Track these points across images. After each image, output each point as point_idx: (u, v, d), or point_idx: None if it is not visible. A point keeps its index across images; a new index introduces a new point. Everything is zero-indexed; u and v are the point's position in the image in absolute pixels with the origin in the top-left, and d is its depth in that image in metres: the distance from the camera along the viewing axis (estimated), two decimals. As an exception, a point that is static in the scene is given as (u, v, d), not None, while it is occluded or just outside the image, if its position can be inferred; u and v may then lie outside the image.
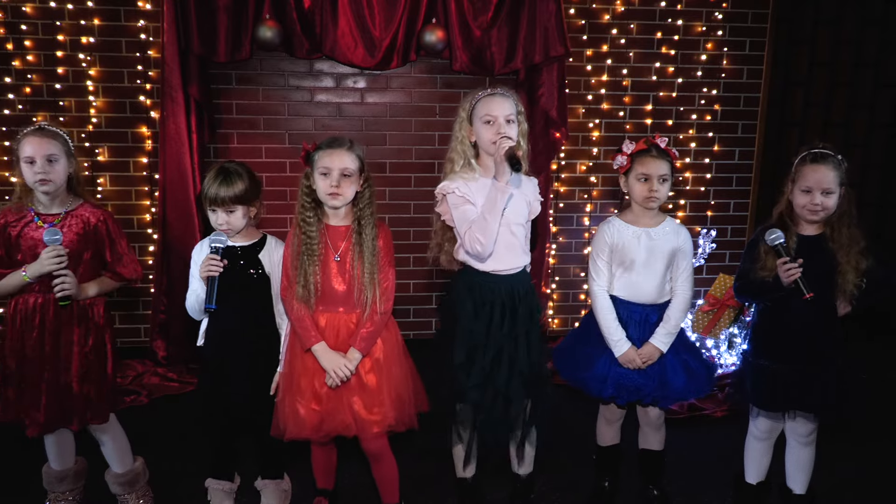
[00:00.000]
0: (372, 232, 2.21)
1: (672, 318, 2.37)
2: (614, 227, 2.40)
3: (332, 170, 2.14)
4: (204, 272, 2.17)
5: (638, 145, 2.36)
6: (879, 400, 3.49)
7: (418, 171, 4.17)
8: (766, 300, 2.32)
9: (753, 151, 4.37)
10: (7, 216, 2.25)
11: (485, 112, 2.19)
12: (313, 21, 3.77)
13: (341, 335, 2.21)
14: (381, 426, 2.20)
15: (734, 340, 3.73)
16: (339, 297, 2.21)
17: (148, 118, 3.92)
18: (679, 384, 2.38)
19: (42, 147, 2.19)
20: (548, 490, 2.68)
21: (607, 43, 4.15)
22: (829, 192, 2.18)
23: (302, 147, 2.23)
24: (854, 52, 4.27)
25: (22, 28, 3.76)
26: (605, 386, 2.38)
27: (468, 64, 3.87)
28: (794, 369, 2.26)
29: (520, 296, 2.27)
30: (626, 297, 2.40)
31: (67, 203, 2.28)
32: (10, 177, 3.84)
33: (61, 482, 2.45)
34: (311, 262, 2.17)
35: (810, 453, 2.41)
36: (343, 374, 2.14)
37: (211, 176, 2.23)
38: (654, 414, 2.50)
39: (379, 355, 2.23)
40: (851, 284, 2.19)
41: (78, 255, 2.25)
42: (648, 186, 2.31)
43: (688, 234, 2.42)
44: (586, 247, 4.30)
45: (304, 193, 2.22)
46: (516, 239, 2.27)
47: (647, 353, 2.35)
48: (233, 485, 2.47)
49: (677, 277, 2.40)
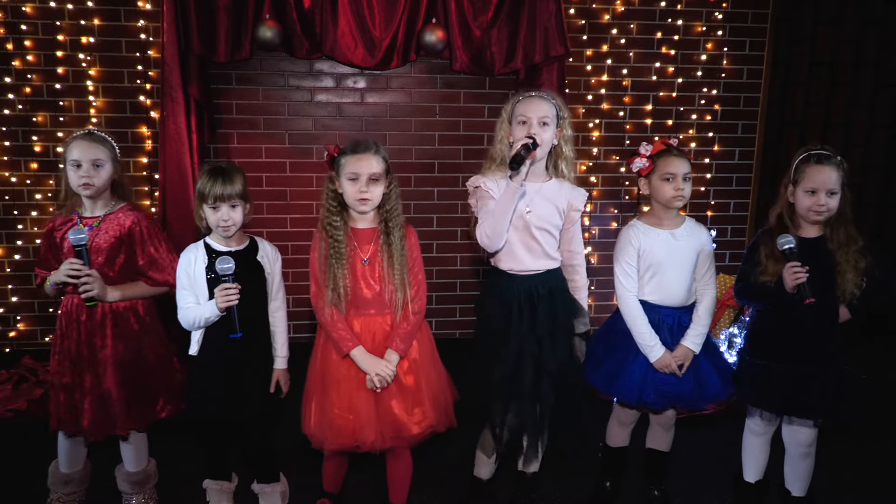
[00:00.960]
0: (400, 233, 2.21)
1: (702, 319, 2.36)
2: (639, 231, 2.39)
3: (361, 175, 2.13)
4: (222, 303, 2.09)
5: (656, 146, 2.36)
6: (879, 400, 3.49)
7: (418, 171, 4.17)
8: (765, 304, 2.32)
9: (753, 151, 4.37)
10: (56, 220, 2.31)
11: (520, 112, 2.22)
12: (313, 21, 3.76)
13: (377, 338, 2.19)
14: (422, 426, 2.19)
15: (734, 340, 3.73)
16: (369, 300, 2.19)
17: (148, 118, 3.92)
18: (715, 386, 2.36)
19: (90, 152, 2.24)
20: (549, 489, 2.68)
21: (607, 43, 4.15)
22: (834, 192, 2.18)
23: (326, 151, 2.21)
24: (854, 52, 4.27)
25: (22, 28, 3.76)
26: (645, 392, 2.33)
27: (468, 64, 3.87)
28: (792, 369, 2.25)
29: (539, 296, 2.27)
30: (656, 300, 2.37)
31: (109, 206, 2.32)
32: (10, 176, 3.85)
33: (66, 484, 2.46)
34: (340, 266, 2.15)
35: (809, 464, 2.41)
36: (385, 375, 2.13)
37: (207, 175, 2.18)
38: (669, 413, 2.48)
39: (416, 356, 2.23)
40: (851, 284, 2.19)
41: (112, 258, 2.28)
42: (675, 185, 2.32)
43: (708, 234, 2.43)
44: (586, 247, 4.30)
45: (329, 198, 2.20)
46: (537, 243, 2.27)
47: (681, 355, 2.33)
48: (231, 484, 2.47)
49: (702, 277, 2.38)
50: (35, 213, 3.90)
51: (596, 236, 4.33)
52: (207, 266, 2.19)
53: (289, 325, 2.42)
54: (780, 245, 2.18)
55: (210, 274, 2.19)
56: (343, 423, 2.15)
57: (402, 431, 2.17)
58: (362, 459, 2.37)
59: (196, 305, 2.18)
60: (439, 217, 4.22)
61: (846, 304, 2.25)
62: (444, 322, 4.29)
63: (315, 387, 2.23)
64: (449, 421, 2.27)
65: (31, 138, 3.85)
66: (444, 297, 4.28)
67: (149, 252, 2.32)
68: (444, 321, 4.29)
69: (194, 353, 2.26)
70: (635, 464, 2.65)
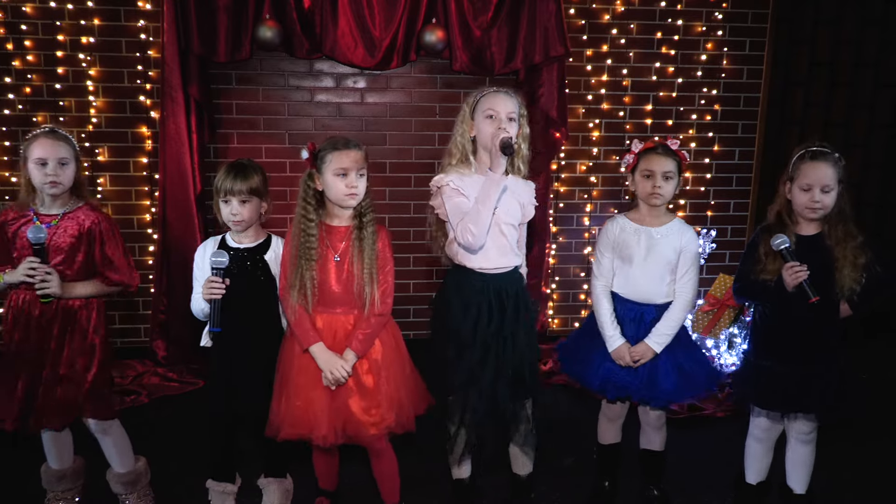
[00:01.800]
0: (372, 229, 2.21)
1: (669, 319, 2.36)
2: (618, 224, 2.43)
3: (350, 170, 2.13)
4: (206, 294, 2.16)
5: (646, 144, 2.40)
6: (879, 399, 3.49)
7: (418, 171, 4.17)
8: (766, 302, 2.32)
9: (753, 151, 4.37)
10: (7, 214, 2.28)
11: (488, 107, 2.21)
12: (313, 21, 3.77)
13: (338, 336, 2.20)
14: (379, 428, 2.19)
15: (734, 340, 3.73)
16: (337, 297, 2.20)
17: (148, 118, 3.92)
18: (668, 386, 2.36)
19: (55, 150, 2.22)
20: (548, 490, 2.68)
21: (607, 43, 4.15)
22: (829, 189, 2.18)
23: (308, 148, 2.19)
24: (854, 52, 4.27)
25: (22, 28, 3.76)
26: (595, 379, 2.42)
27: (468, 64, 3.87)
28: (795, 370, 2.25)
29: (508, 295, 2.27)
30: (623, 293, 2.42)
31: (68, 205, 2.29)
32: (10, 176, 3.84)
33: (60, 481, 2.45)
34: (308, 267, 2.15)
35: (811, 451, 2.41)
36: (339, 375, 2.13)
37: (225, 170, 2.25)
38: (655, 415, 2.50)
39: (377, 356, 2.22)
40: (850, 280, 2.18)
41: (71, 257, 2.26)
42: (652, 183, 2.33)
43: (694, 237, 2.41)
44: (586, 247, 4.30)
45: (307, 194, 2.20)
46: (506, 239, 2.27)
47: (639, 351, 2.36)
48: (233, 486, 2.46)
49: (680, 278, 2.39)
50: (35, 213, 3.90)
51: (596, 236, 4.33)
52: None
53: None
54: (775, 246, 2.19)
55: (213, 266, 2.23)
56: (299, 414, 2.16)
57: (358, 430, 2.17)
58: (360, 455, 2.36)
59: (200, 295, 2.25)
60: (439, 217, 4.21)
61: (846, 300, 2.25)
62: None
63: (282, 376, 2.24)
64: (408, 425, 2.24)
65: (31, 138, 3.85)
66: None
67: (106, 253, 2.31)
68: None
69: (207, 345, 2.33)
70: (635, 463, 2.64)
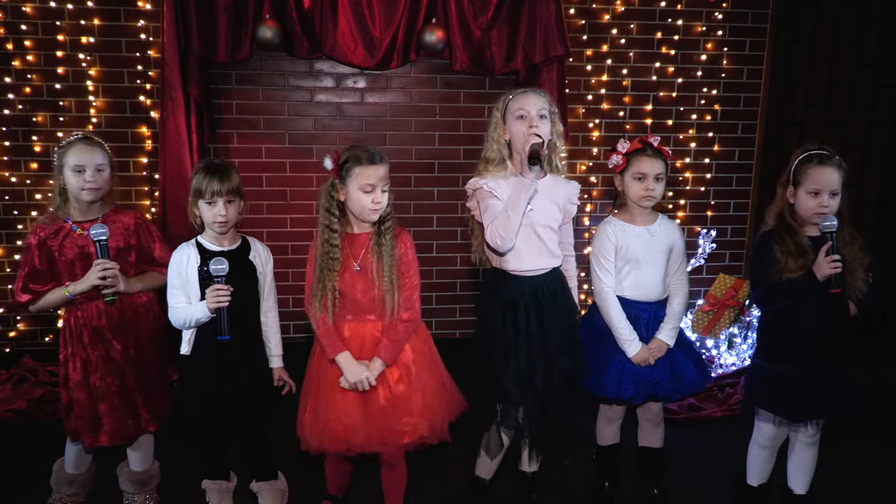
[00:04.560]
0: (391, 235, 2.17)
1: (676, 313, 2.42)
2: (616, 227, 2.42)
3: (377, 187, 2.10)
4: (213, 304, 2.08)
5: (633, 144, 2.39)
6: (878, 400, 3.49)
7: (418, 171, 4.17)
8: (793, 301, 2.24)
9: (753, 151, 4.37)
10: (40, 232, 2.25)
11: (518, 107, 2.21)
12: (313, 21, 3.77)
13: (366, 344, 2.17)
14: (412, 436, 2.15)
15: (734, 340, 3.73)
16: (365, 305, 2.17)
17: (148, 118, 3.92)
18: (692, 376, 2.42)
19: (92, 157, 2.25)
20: (548, 489, 2.68)
21: (607, 43, 4.15)
22: (836, 193, 2.18)
23: (332, 158, 2.13)
24: (854, 52, 4.26)
25: (22, 28, 3.76)
26: (623, 386, 2.36)
27: (468, 64, 3.87)
28: (812, 373, 2.23)
29: (545, 296, 2.27)
30: (633, 296, 2.41)
31: (102, 210, 2.33)
32: (10, 176, 3.85)
33: (70, 485, 2.46)
34: (331, 278, 2.12)
35: (814, 453, 2.41)
36: (364, 387, 2.11)
37: (203, 172, 2.16)
38: (655, 409, 2.51)
39: (409, 363, 2.19)
40: (860, 281, 2.20)
41: (123, 258, 2.30)
42: (645, 185, 2.34)
43: (680, 231, 2.49)
44: (586, 247, 4.30)
45: (330, 205, 2.14)
46: (542, 241, 2.27)
47: (656, 347, 2.38)
48: (230, 484, 2.46)
49: (674, 273, 2.45)
50: (35, 213, 3.90)
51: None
52: (200, 266, 2.18)
53: (288, 326, 2.42)
54: (823, 227, 2.13)
55: (202, 274, 2.17)
56: (336, 428, 2.14)
57: (392, 438, 2.15)
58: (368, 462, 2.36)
59: (187, 305, 2.17)
60: (439, 217, 4.22)
61: (854, 300, 2.26)
62: (444, 322, 4.28)
63: (310, 388, 2.23)
64: (442, 435, 2.21)
65: (31, 138, 3.85)
66: (444, 298, 4.27)
67: (158, 245, 2.39)
68: (445, 321, 4.29)
69: (186, 353, 2.25)
70: (634, 463, 2.64)
